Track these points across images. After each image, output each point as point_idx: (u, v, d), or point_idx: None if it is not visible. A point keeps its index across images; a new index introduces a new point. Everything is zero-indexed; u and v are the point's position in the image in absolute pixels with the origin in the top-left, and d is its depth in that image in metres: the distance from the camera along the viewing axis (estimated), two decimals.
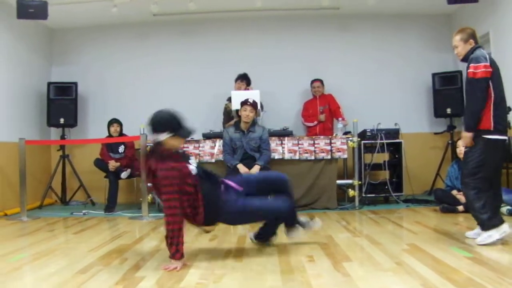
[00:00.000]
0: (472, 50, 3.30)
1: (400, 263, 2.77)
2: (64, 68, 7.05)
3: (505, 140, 3.26)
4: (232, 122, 5.54)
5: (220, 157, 5.24)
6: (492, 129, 3.18)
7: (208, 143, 5.46)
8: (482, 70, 3.14)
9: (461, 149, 4.93)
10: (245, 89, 5.90)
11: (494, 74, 3.19)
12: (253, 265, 2.85)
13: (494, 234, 3.14)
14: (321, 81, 6.41)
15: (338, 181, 5.52)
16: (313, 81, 6.44)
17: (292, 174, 5.27)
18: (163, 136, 2.81)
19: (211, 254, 3.21)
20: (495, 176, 3.33)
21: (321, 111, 6.29)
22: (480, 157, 3.20)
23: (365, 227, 4.26)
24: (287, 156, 5.32)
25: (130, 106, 6.82)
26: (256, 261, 2.94)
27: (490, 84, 3.17)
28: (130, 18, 6.75)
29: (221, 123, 6.10)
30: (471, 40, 3.34)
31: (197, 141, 5.47)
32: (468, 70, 3.22)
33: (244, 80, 5.98)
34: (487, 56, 3.22)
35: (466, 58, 3.34)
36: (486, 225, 3.18)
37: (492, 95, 3.18)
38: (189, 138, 3.33)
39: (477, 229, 3.32)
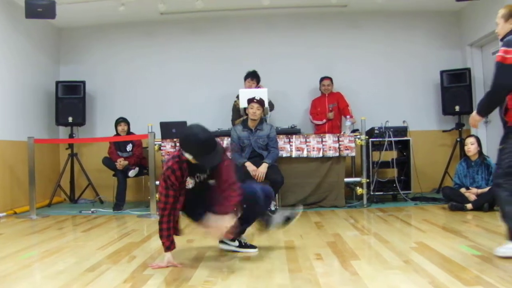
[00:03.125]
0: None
1: (409, 261, 2.76)
2: (72, 67, 7.08)
3: None
4: (241, 119, 5.54)
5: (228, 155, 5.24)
6: None
7: None
8: None
9: (469, 147, 4.89)
10: (256, 87, 5.88)
11: None
12: (261, 263, 2.85)
13: None
14: (330, 79, 6.37)
15: (346, 179, 5.51)
16: (322, 79, 6.40)
17: (300, 172, 5.32)
18: (187, 155, 2.66)
19: (219, 252, 3.21)
20: None
21: (330, 109, 6.27)
22: None
23: (373, 225, 4.24)
24: (295, 154, 5.31)
25: (138, 104, 6.86)
26: (264, 259, 2.94)
27: None
28: (138, 17, 6.77)
29: (230, 120, 6.10)
30: None
31: None
32: (497, 54, 2.79)
33: (254, 78, 5.95)
34: None
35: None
36: None
37: None
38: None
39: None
